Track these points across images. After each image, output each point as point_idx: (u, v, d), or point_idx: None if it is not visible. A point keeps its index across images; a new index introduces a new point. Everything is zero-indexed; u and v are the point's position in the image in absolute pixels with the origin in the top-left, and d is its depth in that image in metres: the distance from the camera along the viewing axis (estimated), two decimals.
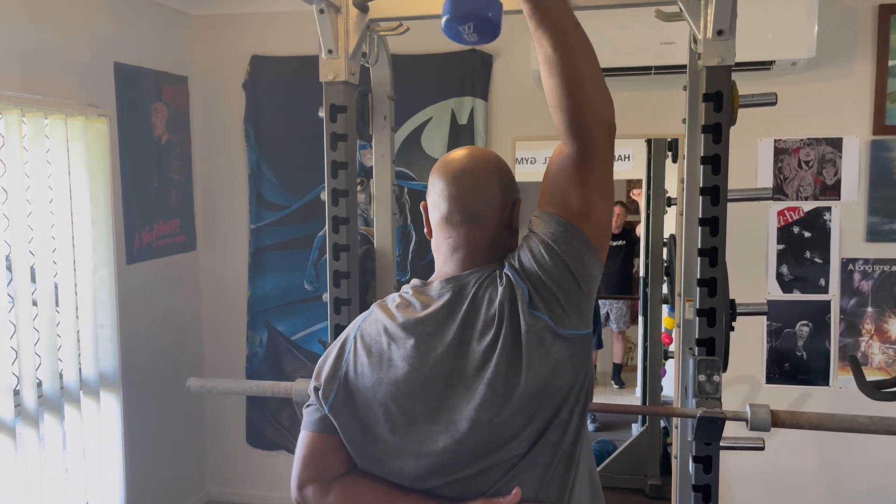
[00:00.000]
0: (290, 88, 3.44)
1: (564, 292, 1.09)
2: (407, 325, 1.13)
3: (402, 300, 1.18)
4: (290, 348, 3.60)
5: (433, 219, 1.21)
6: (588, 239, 1.10)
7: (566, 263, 1.09)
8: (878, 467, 3.06)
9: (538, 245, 1.11)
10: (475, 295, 1.12)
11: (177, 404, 3.48)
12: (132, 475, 3.09)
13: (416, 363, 1.10)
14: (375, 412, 1.12)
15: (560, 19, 1.04)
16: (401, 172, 3.32)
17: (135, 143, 3.16)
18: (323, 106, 1.96)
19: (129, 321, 3.07)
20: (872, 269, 3.00)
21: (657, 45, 2.83)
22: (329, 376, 1.16)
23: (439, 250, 1.21)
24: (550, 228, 1.11)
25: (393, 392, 1.11)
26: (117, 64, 3.05)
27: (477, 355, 1.08)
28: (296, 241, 3.54)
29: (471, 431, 1.07)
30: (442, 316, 1.12)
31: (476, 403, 1.07)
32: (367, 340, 1.16)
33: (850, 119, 2.96)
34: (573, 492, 1.12)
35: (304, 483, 1.17)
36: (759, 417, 1.71)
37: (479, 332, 1.09)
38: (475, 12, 1.01)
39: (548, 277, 1.09)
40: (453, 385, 1.09)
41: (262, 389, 2.03)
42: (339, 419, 1.14)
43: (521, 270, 1.11)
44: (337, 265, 1.98)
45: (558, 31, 1.04)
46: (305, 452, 1.18)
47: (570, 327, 1.09)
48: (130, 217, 3.14)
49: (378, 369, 1.13)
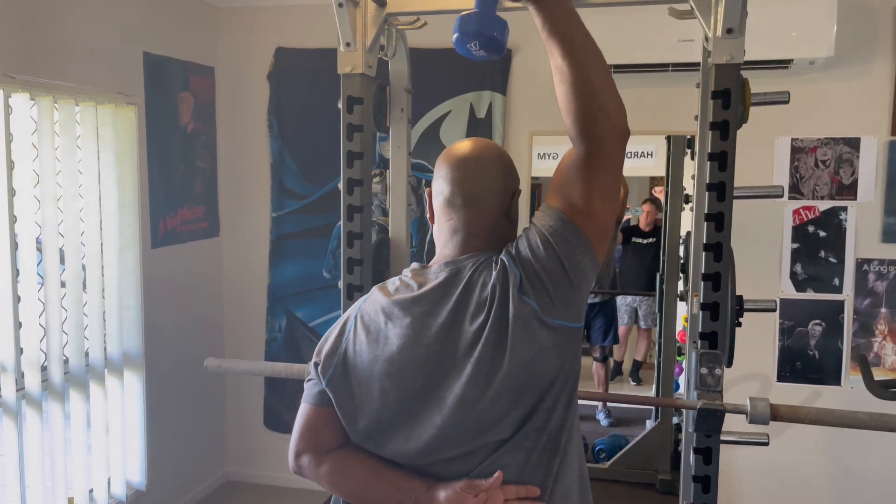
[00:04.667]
0: (313, 80, 3.51)
1: (553, 282, 1.13)
2: (403, 304, 1.18)
3: (401, 282, 1.23)
4: (307, 334, 3.68)
5: (436, 203, 1.27)
6: (584, 235, 1.14)
7: (559, 256, 1.13)
8: (886, 470, 3.06)
9: (535, 235, 1.16)
10: (470, 278, 1.16)
11: (197, 386, 3.58)
12: (153, 453, 3.18)
13: (411, 341, 1.15)
14: (371, 389, 1.17)
15: (570, 31, 1.08)
16: (419, 164, 3.37)
17: (162, 130, 3.25)
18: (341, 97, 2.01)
19: (153, 303, 3.16)
20: (888, 270, 2.99)
21: (675, 42, 2.84)
22: (329, 353, 1.22)
23: (440, 234, 1.27)
24: (549, 221, 1.15)
25: (387, 369, 1.16)
26: (146, 54, 3.14)
27: (468, 336, 1.12)
28: (315, 230, 3.62)
29: (457, 411, 1.12)
30: (437, 296, 1.16)
31: (462, 381, 1.11)
32: (366, 320, 1.21)
33: (869, 119, 2.95)
34: (559, 478, 1.16)
35: (300, 452, 1.23)
36: (758, 410, 1.74)
37: (472, 313, 1.13)
38: (481, 31, 1.08)
39: (539, 266, 1.13)
40: (444, 364, 1.13)
41: (276, 371, 2.10)
42: (336, 394, 1.19)
43: (517, 257, 1.15)
44: (351, 252, 2.03)
45: (568, 42, 1.08)
46: (303, 424, 1.23)
47: (556, 317, 1.12)
48: (156, 202, 3.23)
49: (375, 347, 1.18)
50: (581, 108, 1.09)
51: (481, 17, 1.08)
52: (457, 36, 1.09)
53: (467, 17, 1.09)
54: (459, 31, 1.09)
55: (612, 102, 1.10)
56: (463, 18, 1.09)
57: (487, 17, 1.08)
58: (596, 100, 1.09)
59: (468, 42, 1.09)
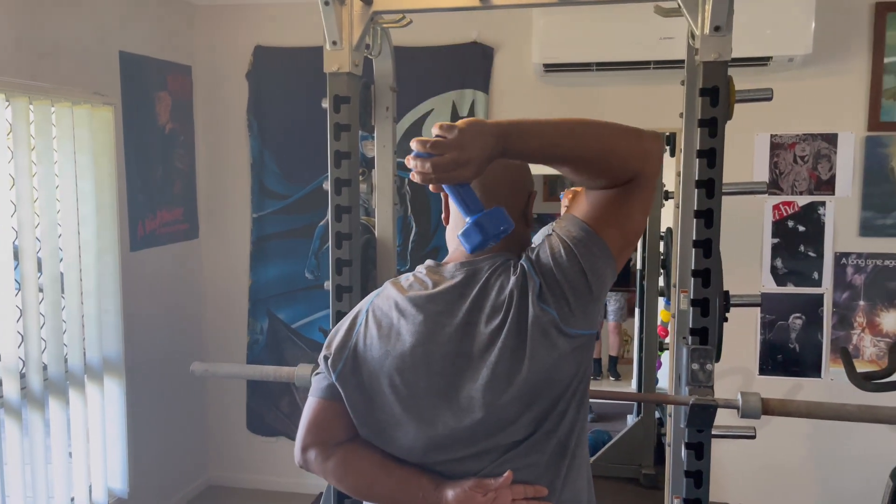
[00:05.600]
0: (293, 79, 3.47)
1: (574, 293, 1.12)
2: (418, 301, 1.17)
3: (415, 279, 1.22)
4: (290, 336, 3.64)
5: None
6: (609, 248, 1.13)
7: (582, 267, 1.12)
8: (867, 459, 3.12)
9: (558, 244, 1.14)
10: (487, 280, 1.15)
11: (179, 390, 3.53)
12: (135, 459, 3.14)
13: (424, 339, 1.14)
14: (381, 384, 1.16)
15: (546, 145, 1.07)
16: (401, 164, 3.34)
17: (139, 131, 3.19)
18: (327, 96, 1.99)
19: (133, 307, 3.11)
20: (865, 264, 3.04)
21: (656, 40, 2.86)
22: (339, 346, 1.20)
23: (455, 232, 1.25)
24: (574, 232, 1.14)
25: (399, 364, 1.15)
26: (122, 53, 3.08)
27: (483, 338, 1.12)
28: (297, 231, 3.58)
29: (471, 412, 1.11)
30: (453, 296, 1.16)
31: (479, 384, 1.11)
32: (378, 315, 1.20)
33: (846, 115, 3.00)
34: (567, 479, 1.16)
35: (307, 446, 1.21)
36: (749, 405, 1.75)
37: (488, 315, 1.13)
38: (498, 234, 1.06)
39: (561, 276, 1.12)
40: (458, 364, 1.13)
41: (265, 374, 2.07)
42: (346, 388, 1.18)
43: (537, 264, 1.14)
44: (339, 253, 2.01)
45: (554, 153, 1.08)
46: (311, 417, 1.22)
47: (575, 326, 1.12)
48: (134, 205, 3.17)
49: (386, 342, 1.17)
50: (614, 176, 1.10)
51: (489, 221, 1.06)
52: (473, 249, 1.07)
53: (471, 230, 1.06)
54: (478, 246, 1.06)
55: (632, 148, 1.10)
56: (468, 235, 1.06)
57: (490, 219, 1.06)
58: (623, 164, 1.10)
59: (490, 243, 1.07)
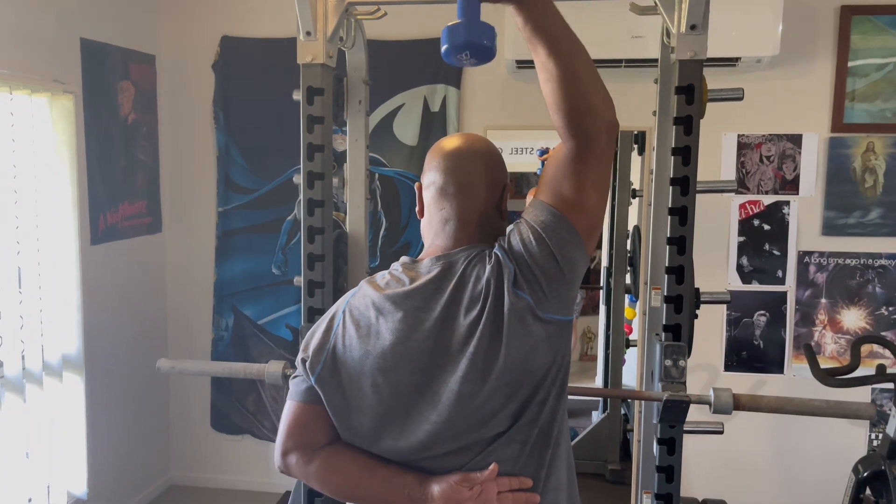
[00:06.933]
0: (261, 71, 3.41)
1: (547, 277, 1.12)
2: (395, 298, 1.16)
3: (391, 277, 1.21)
4: (256, 332, 3.58)
5: (427, 195, 1.26)
6: (576, 230, 1.14)
7: (552, 251, 1.13)
8: (828, 454, 3.19)
9: (527, 230, 1.15)
10: (464, 272, 1.15)
11: (141, 388, 3.44)
12: (94, 459, 3.05)
13: (404, 336, 1.13)
14: (362, 385, 1.14)
15: (552, 28, 1.07)
16: (372, 158, 3.32)
17: (101, 121, 3.10)
18: (299, 88, 1.96)
19: (93, 303, 3.02)
20: (827, 262, 3.11)
21: (628, 38, 2.88)
22: (317, 349, 1.18)
23: (431, 225, 1.25)
24: (541, 217, 1.15)
25: (380, 364, 1.13)
26: (84, 40, 2.98)
27: (462, 330, 1.11)
28: (264, 225, 3.52)
29: (453, 407, 1.10)
30: (430, 291, 1.15)
31: (458, 376, 1.10)
32: (355, 315, 1.18)
33: (810, 116, 3.06)
34: (551, 469, 1.16)
35: (287, 451, 1.19)
36: (721, 401, 1.78)
37: (466, 307, 1.12)
38: (471, 41, 1.05)
39: (532, 261, 1.13)
40: (438, 359, 1.12)
41: (234, 371, 2.03)
42: (325, 390, 1.16)
43: (510, 251, 1.15)
44: (311, 248, 1.98)
45: (551, 40, 1.07)
46: (290, 421, 1.20)
47: (549, 311, 1.12)
48: (95, 197, 3.08)
49: (366, 342, 1.15)
50: (569, 104, 1.09)
51: (469, 27, 1.05)
52: (446, 48, 1.06)
53: (454, 27, 1.05)
54: (448, 43, 1.05)
55: (599, 97, 1.10)
56: (450, 29, 1.05)
57: (475, 25, 1.05)
58: (583, 95, 1.09)
59: (459, 53, 1.05)
